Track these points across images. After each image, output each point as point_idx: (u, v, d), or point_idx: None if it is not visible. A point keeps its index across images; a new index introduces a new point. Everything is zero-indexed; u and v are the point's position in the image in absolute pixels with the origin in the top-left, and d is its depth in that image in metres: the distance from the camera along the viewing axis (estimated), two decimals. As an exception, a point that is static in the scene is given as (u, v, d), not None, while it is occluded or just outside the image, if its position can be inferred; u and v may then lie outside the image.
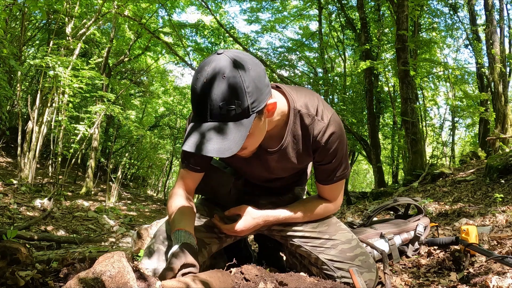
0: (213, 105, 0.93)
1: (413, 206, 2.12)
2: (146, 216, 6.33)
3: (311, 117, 1.21)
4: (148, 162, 16.46)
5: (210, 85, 0.92)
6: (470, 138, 15.26)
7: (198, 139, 0.94)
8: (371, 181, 23.24)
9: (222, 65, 0.94)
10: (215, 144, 0.93)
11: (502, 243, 1.70)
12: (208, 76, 0.93)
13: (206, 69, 0.94)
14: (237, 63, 0.95)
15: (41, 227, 3.22)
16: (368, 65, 7.08)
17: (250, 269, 1.16)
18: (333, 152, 1.24)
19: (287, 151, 1.27)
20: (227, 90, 0.92)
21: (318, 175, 1.35)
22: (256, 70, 0.98)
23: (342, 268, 1.32)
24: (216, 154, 0.92)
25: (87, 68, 5.95)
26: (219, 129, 0.94)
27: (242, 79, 0.93)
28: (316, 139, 1.22)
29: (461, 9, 10.95)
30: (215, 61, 0.95)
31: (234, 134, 0.94)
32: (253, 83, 0.96)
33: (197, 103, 0.96)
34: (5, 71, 6.35)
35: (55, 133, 6.41)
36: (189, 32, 11.97)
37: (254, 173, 1.41)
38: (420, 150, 6.26)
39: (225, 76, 0.92)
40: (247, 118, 0.96)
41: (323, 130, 1.21)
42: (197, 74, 0.96)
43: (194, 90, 0.96)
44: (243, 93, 0.94)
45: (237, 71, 0.94)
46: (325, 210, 1.42)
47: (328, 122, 1.21)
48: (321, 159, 1.27)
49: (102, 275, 0.96)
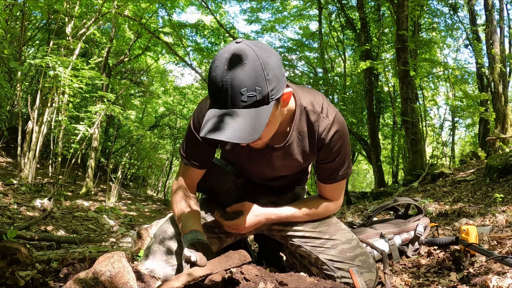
0: (234, 91, 0.93)
1: (413, 206, 2.12)
2: (146, 216, 6.33)
3: (316, 114, 1.22)
4: (148, 162, 16.45)
5: (231, 72, 0.92)
6: (470, 138, 15.26)
7: (217, 125, 0.93)
8: (371, 181, 23.24)
9: (243, 53, 0.93)
10: (236, 130, 0.92)
11: (502, 243, 1.70)
12: (228, 63, 0.93)
13: (225, 57, 0.94)
14: (257, 51, 0.95)
15: (41, 227, 3.22)
16: (368, 65, 7.08)
17: (250, 269, 1.16)
18: (337, 150, 1.25)
19: (292, 148, 1.26)
20: (248, 77, 0.92)
21: (321, 174, 1.35)
22: (274, 59, 0.98)
23: (342, 268, 1.32)
24: (237, 140, 0.92)
25: (87, 68, 5.95)
26: (239, 115, 0.93)
27: (262, 67, 0.94)
28: (321, 136, 1.22)
29: (461, 9, 10.95)
30: (235, 49, 0.95)
31: (255, 121, 0.93)
32: (273, 71, 0.96)
33: (216, 90, 0.95)
34: (5, 71, 6.35)
35: (55, 133, 6.41)
36: (189, 32, 11.98)
37: (257, 171, 1.41)
38: (420, 150, 6.26)
39: (246, 63, 0.92)
40: (266, 105, 0.96)
41: (328, 127, 1.21)
42: (215, 61, 0.96)
43: (213, 78, 0.95)
44: (264, 80, 0.94)
45: (258, 58, 0.94)
46: (326, 209, 1.42)
47: (333, 120, 1.22)
48: (325, 157, 1.28)
49: (102, 275, 0.96)
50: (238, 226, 1.31)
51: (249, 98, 0.93)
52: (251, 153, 1.29)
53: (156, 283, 1.19)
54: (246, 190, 1.50)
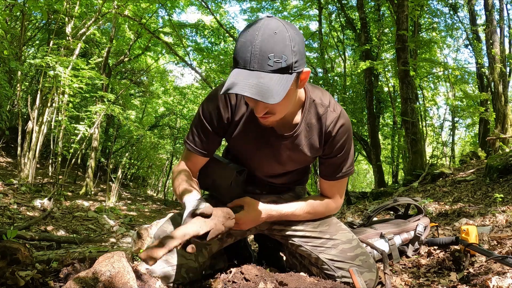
0: (263, 55, 0.96)
1: (413, 206, 2.12)
2: (146, 216, 6.32)
3: (324, 107, 1.26)
4: (148, 162, 16.45)
5: (262, 37, 0.96)
6: (470, 138, 15.26)
7: (240, 83, 0.95)
8: (371, 181, 23.24)
9: (274, 24, 0.99)
10: (259, 90, 0.94)
11: (502, 243, 1.70)
12: (260, 30, 0.97)
13: (257, 25, 0.99)
14: (286, 26, 1.00)
15: (41, 227, 3.22)
16: (368, 65, 7.08)
17: (250, 269, 1.16)
18: (342, 144, 1.29)
19: (300, 139, 1.28)
20: (277, 44, 0.97)
21: (324, 170, 1.37)
22: (300, 37, 1.04)
23: (342, 268, 1.32)
24: (259, 98, 0.94)
25: (87, 68, 5.94)
26: (263, 77, 0.96)
27: (290, 38, 0.99)
28: (328, 129, 1.26)
29: (461, 9, 10.95)
30: (267, 20, 1.00)
31: (277, 86, 0.96)
32: (298, 46, 1.01)
33: (245, 51, 0.98)
34: (5, 71, 6.35)
35: (55, 133, 6.41)
36: (189, 32, 11.98)
37: (262, 165, 1.40)
38: (420, 150, 6.26)
39: (276, 32, 0.97)
40: (289, 74, 1.00)
41: (335, 120, 1.26)
42: (246, 29, 1.01)
43: (242, 41, 0.99)
44: (290, 50, 0.98)
45: (287, 31, 0.99)
46: (327, 208, 1.42)
47: (340, 114, 1.27)
48: (330, 151, 1.30)
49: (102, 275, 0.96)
50: (238, 221, 1.32)
51: (275, 63, 0.97)
52: (260, 142, 1.30)
53: (156, 283, 1.19)
54: (247, 190, 1.49)
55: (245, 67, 0.98)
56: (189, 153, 1.36)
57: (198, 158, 1.36)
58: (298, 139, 1.29)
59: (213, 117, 1.27)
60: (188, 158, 1.37)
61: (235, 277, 1.15)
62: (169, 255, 1.28)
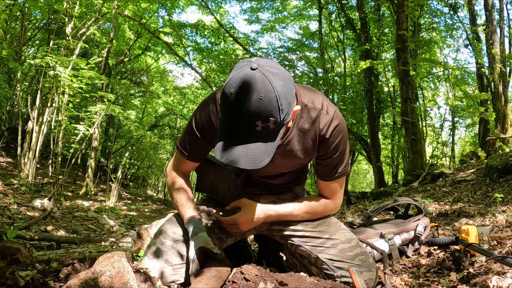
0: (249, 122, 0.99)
1: (413, 206, 2.12)
2: (146, 216, 6.32)
3: (317, 110, 1.25)
4: (148, 162, 16.45)
5: (247, 104, 0.96)
6: (470, 138, 15.26)
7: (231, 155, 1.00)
8: (371, 181, 23.23)
9: (260, 85, 0.97)
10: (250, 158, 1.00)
11: (502, 243, 1.70)
12: (245, 94, 0.96)
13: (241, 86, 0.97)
14: (273, 82, 0.98)
15: (41, 227, 3.22)
16: (368, 65, 7.07)
17: (250, 269, 1.16)
18: (337, 145, 1.28)
19: (292, 144, 1.29)
20: (263, 109, 0.97)
21: (320, 171, 1.37)
22: (288, 85, 1.02)
23: (342, 268, 1.32)
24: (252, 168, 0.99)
25: (87, 68, 5.95)
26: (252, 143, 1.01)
27: (277, 98, 0.98)
28: (322, 132, 1.26)
29: (461, 9, 10.95)
30: (251, 78, 0.97)
31: (268, 147, 1.02)
32: (286, 100, 1.01)
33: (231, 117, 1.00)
34: (4, 71, 6.35)
35: (55, 133, 6.41)
36: (189, 32, 11.96)
37: (256, 170, 1.39)
38: (420, 150, 6.26)
39: (262, 96, 0.96)
40: (273, 141, 1.03)
41: (328, 123, 1.25)
42: (231, 87, 0.99)
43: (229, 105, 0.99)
44: (278, 111, 0.99)
45: (273, 90, 0.97)
46: (325, 208, 1.42)
47: (333, 116, 1.26)
48: (325, 153, 1.30)
49: (102, 275, 0.96)
50: (236, 222, 1.32)
51: (262, 128, 1.00)
52: None
53: (156, 283, 1.19)
54: (246, 190, 1.49)
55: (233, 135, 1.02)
56: (181, 158, 1.41)
57: (190, 164, 1.41)
58: (290, 145, 1.29)
59: (205, 126, 1.29)
60: (180, 163, 1.43)
61: (235, 277, 1.15)
62: (169, 254, 1.28)
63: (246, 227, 1.36)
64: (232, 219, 1.32)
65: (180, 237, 1.33)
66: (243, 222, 1.32)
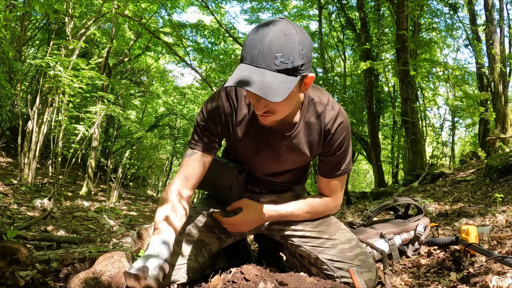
0: (270, 53, 0.97)
1: (413, 206, 2.12)
2: (146, 216, 6.32)
3: (323, 105, 1.27)
4: (148, 162, 16.46)
5: (271, 36, 0.98)
6: (470, 138, 15.25)
7: (246, 78, 0.97)
8: (371, 181, 23.23)
9: (285, 25, 1.01)
10: (263, 87, 0.96)
11: (502, 243, 1.70)
12: (271, 29, 0.99)
13: (268, 25, 1.00)
14: (297, 29, 1.02)
15: (41, 227, 3.22)
16: (368, 65, 7.07)
17: (250, 269, 1.16)
18: (341, 142, 1.30)
19: (299, 137, 1.29)
20: (285, 45, 0.98)
21: (323, 167, 1.37)
22: (309, 42, 1.05)
23: (341, 268, 1.32)
24: (262, 95, 0.96)
25: (87, 68, 5.95)
26: (268, 76, 0.97)
27: (300, 41, 1.00)
28: (327, 127, 1.28)
29: (461, 9, 10.94)
30: (279, 21, 1.01)
31: (281, 86, 0.98)
32: (306, 50, 1.02)
33: (253, 48, 0.99)
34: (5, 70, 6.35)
35: (55, 133, 6.41)
36: (189, 32, 11.97)
37: (262, 165, 1.40)
38: (420, 150, 6.25)
39: (287, 33, 0.99)
40: (294, 77, 1.01)
41: (334, 118, 1.27)
42: (257, 27, 1.02)
43: (252, 38, 1.00)
44: (298, 53, 0.99)
45: (297, 34, 1.00)
46: (326, 207, 1.42)
47: (338, 112, 1.28)
48: (329, 149, 1.31)
49: (102, 275, 0.96)
50: (238, 223, 1.31)
51: (281, 64, 0.98)
52: (260, 143, 1.31)
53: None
54: (247, 189, 1.50)
55: (251, 64, 0.99)
56: (188, 160, 1.30)
57: (200, 161, 1.30)
58: (297, 138, 1.29)
59: (216, 116, 1.27)
60: (185, 168, 1.29)
61: (235, 277, 1.15)
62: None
63: (247, 228, 1.36)
64: (233, 220, 1.32)
65: (179, 236, 1.33)
66: (244, 223, 1.32)
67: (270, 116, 1.12)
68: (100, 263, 1.00)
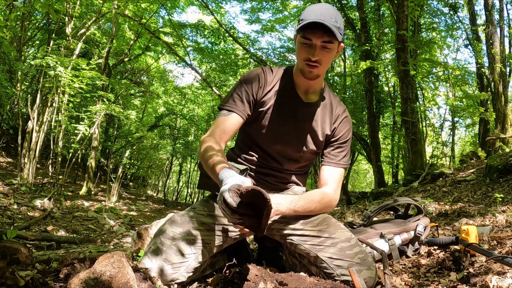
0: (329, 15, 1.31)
1: (413, 206, 2.12)
2: (146, 216, 6.33)
3: (335, 98, 1.58)
4: (148, 162, 16.45)
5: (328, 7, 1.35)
6: (470, 138, 15.25)
7: (316, 20, 1.28)
8: (371, 181, 23.23)
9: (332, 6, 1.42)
10: (331, 27, 1.29)
11: (502, 243, 1.70)
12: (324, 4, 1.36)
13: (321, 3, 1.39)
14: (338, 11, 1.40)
15: (41, 227, 3.22)
16: (368, 65, 7.08)
17: (250, 269, 1.16)
18: (347, 132, 1.56)
19: (317, 113, 1.52)
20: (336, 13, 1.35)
21: (329, 156, 1.54)
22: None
23: (341, 266, 1.32)
24: (335, 30, 1.30)
25: (87, 68, 5.95)
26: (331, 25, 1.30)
27: (341, 17, 1.37)
28: (338, 114, 1.55)
29: (461, 9, 10.95)
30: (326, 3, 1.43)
31: (339, 33, 1.33)
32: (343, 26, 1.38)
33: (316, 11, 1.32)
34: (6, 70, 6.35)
35: (55, 133, 6.41)
36: (189, 32, 11.97)
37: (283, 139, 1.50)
38: (420, 150, 6.25)
39: (335, 8, 1.40)
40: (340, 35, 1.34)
41: (343, 110, 1.57)
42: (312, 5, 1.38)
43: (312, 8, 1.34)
44: (342, 21, 1.37)
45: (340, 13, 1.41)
46: (328, 198, 1.47)
47: (345, 108, 1.59)
48: (338, 134, 1.54)
49: (102, 275, 0.96)
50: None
51: (335, 23, 1.32)
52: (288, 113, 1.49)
53: (156, 283, 1.19)
54: None
55: (316, 18, 1.28)
56: (224, 117, 1.43)
57: (234, 120, 1.43)
58: (316, 113, 1.52)
59: (253, 82, 1.48)
60: (221, 124, 1.42)
61: (235, 277, 1.15)
62: (168, 253, 1.28)
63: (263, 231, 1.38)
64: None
65: (179, 236, 1.33)
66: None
67: (317, 67, 1.38)
68: (100, 263, 1.00)
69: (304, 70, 1.41)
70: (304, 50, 1.36)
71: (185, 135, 16.39)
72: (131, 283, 1.01)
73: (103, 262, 1.00)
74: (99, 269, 0.97)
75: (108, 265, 0.99)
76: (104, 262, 1.00)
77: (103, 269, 0.97)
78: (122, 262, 1.02)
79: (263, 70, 1.52)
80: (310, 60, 1.35)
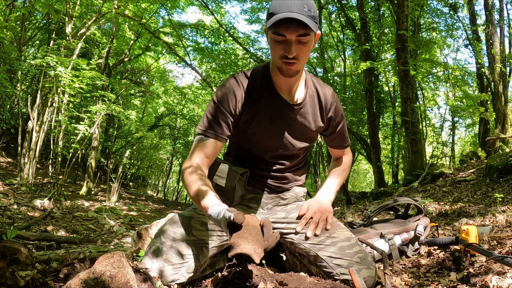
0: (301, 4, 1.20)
1: (413, 206, 2.12)
2: (146, 216, 6.32)
3: (319, 83, 1.51)
4: (148, 162, 16.44)
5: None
6: (470, 138, 15.25)
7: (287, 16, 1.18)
8: (371, 181, 23.23)
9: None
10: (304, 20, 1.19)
11: (502, 243, 1.70)
12: None
13: None
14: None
15: (41, 227, 3.22)
16: (368, 66, 7.07)
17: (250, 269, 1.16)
18: (341, 114, 1.55)
19: (307, 108, 1.45)
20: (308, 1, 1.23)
21: (335, 140, 1.61)
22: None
23: (341, 265, 1.32)
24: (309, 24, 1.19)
25: (87, 68, 5.94)
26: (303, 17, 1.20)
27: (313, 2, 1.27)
28: (327, 99, 1.49)
29: (461, 9, 10.95)
30: None
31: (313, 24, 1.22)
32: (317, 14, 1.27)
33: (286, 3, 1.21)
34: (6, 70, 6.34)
35: (55, 133, 6.40)
36: (189, 32, 11.97)
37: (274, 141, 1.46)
38: (420, 150, 6.25)
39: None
40: (316, 24, 1.24)
41: (331, 93, 1.51)
42: None
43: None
44: (316, 10, 1.25)
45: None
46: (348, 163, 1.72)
47: (330, 88, 1.53)
48: (335, 116, 1.52)
49: (102, 275, 0.96)
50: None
51: (308, 11, 1.21)
52: (274, 115, 1.42)
53: (156, 283, 1.19)
54: (249, 190, 1.50)
55: (287, 11, 1.19)
56: (202, 143, 1.35)
57: (212, 145, 1.35)
58: (304, 108, 1.45)
59: (229, 98, 1.37)
60: (199, 149, 1.35)
61: (235, 277, 1.15)
62: (169, 254, 1.28)
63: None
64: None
65: (180, 236, 1.33)
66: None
67: (295, 63, 1.28)
68: (100, 263, 1.00)
69: (282, 68, 1.31)
70: (279, 47, 1.26)
71: (185, 135, 16.39)
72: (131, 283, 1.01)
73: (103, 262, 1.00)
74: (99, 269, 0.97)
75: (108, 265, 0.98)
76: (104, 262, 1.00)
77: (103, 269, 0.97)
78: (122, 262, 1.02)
79: (237, 80, 1.39)
80: (287, 57, 1.25)
